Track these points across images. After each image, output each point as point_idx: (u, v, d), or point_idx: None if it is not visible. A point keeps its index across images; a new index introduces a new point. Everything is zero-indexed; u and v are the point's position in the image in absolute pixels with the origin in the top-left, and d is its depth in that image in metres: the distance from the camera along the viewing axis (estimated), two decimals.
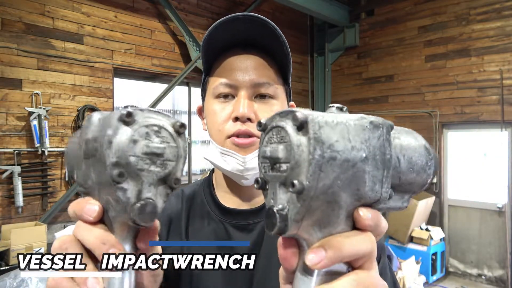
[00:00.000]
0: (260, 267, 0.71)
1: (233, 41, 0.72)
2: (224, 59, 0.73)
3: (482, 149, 5.07)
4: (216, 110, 0.73)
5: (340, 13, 5.99)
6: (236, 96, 0.72)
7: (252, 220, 0.75)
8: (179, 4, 4.68)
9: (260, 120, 0.38)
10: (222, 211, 0.76)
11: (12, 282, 2.45)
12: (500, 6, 4.75)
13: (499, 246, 4.81)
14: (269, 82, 0.72)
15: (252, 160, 0.70)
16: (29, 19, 3.51)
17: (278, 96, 0.74)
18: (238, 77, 0.71)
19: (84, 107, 3.81)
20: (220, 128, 0.72)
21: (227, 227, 0.74)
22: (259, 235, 0.74)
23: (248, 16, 0.68)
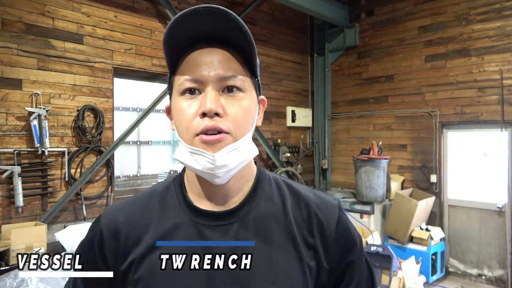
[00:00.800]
0: (238, 263, 0.70)
1: (196, 36, 0.70)
2: (188, 55, 0.71)
3: (482, 149, 5.07)
4: (182, 107, 0.70)
5: (340, 13, 5.99)
6: (202, 91, 0.69)
7: (226, 221, 0.73)
8: (179, 4, 4.68)
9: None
10: (194, 211, 0.74)
11: (12, 282, 2.45)
12: (500, 6, 4.75)
13: (499, 246, 4.81)
14: (235, 75, 0.70)
15: (222, 157, 0.68)
16: (29, 19, 3.51)
17: (246, 89, 0.71)
18: (203, 72, 0.69)
19: (84, 107, 3.81)
20: (188, 126, 0.69)
21: (200, 229, 0.73)
22: (235, 236, 0.72)
23: (208, 8, 0.66)
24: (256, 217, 0.74)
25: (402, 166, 5.63)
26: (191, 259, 0.71)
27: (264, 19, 5.75)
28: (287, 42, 6.10)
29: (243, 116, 0.70)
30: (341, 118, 6.35)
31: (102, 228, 0.77)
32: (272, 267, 0.71)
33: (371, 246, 4.18)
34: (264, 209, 0.75)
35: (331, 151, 6.47)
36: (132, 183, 4.56)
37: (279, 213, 0.75)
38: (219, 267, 0.70)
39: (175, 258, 0.71)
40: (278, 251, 0.72)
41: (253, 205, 0.75)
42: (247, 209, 0.74)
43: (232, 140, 0.69)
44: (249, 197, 0.76)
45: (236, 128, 0.69)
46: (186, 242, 0.72)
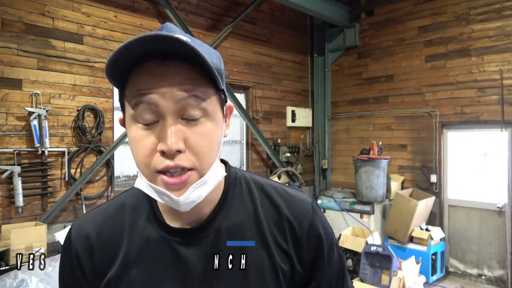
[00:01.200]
0: (215, 277, 0.70)
1: (145, 54, 0.60)
2: (138, 76, 0.61)
3: (482, 149, 5.07)
4: (138, 138, 0.62)
5: (340, 13, 5.99)
6: (159, 119, 0.61)
7: (199, 235, 0.71)
8: (179, 4, 4.68)
9: None
10: (166, 230, 0.72)
11: (12, 282, 2.45)
12: (500, 6, 4.75)
13: (499, 246, 4.81)
14: (195, 95, 0.61)
15: (189, 196, 0.63)
16: (29, 19, 3.51)
17: (210, 112, 0.63)
18: (158, 100, 0.60)
19: (84, 107, 3.81)
20: (146, 162, 0.62)
21: (173, 245, 0.71)
22: (209, 248, 0.71)
23: (155, 37, 0.56)
24: (228, 227, 0.72)
25: (402, 166, 5.63)
26: (167, 277, 0.70)
27: (264, 19, 5.75)
28: (287, 42, 6.10)
29: (208, 145, 0.63)
30: (341, 118, 6.35)
31: (77, 248, 0.74)
32: (247, 276, 0.70)
33: (371, 246, 4.18)
34: (236, 217, 0.73)
35: (331, 151, 6.47)
36: (132, 183, 4.56)
37: (251, 219, 0.74)
38: (196, 280, 0.69)
39: (151, 276, 0.70)
40: (252, 259, 0.71)
41: (224, 216, 0.73)
42: (219, 221, 0.72)
43: (197, 176, 0.63)
44: (220, 208, 0.73)
45: (201, 161, 0.63)
46: (160, 260, 0.71)
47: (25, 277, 2.48)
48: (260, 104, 5.62)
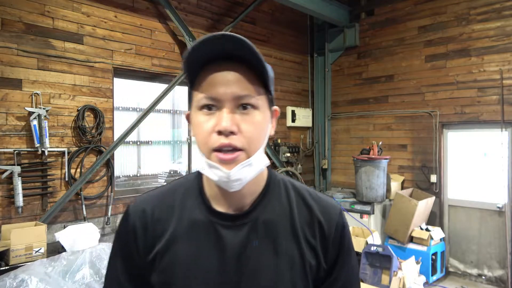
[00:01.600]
0: (246, 263, 0.80)
1: (213, 56, 0.76)
2: (206, 73, 0.77)
3: (482, 149, 5.07)
4: (201, 122, 0.77)
5: (340, 13, 5.99)
6: (219, 108, 0.76)
7: (239, 221, 0.82)
8: (179, 4, 4.68)
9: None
10: (212, 212, 0.83)
11: (12, 282, 2.45)
12: (500, 6, 4.75)
13: (499, 246, 4.81)
14: (250, 94, 0.76)
15: (236, 173, 0.75)
16: (29, 19, 3.51)
17: (259, 106, 0.78)
18: (220, 91, 0.75)
19: (84, 107, 3.82)
20: (205, 141, 0.76)
21: (217, 227, 0.82)
22: (247, 235, 0.81)
23: (224, 36, 0.72)
24: (265, 219, 0.83)
25: (402, 166, 5.63)
26: (208, 254, 0.80)
27: (264, 19, 5.75)
28: (287, 42, 6.10)
29: (256, 132, 0.77)
30: (341, 118, 6.35)
31: (135, 223, 0.86)
32: (277, 262, 0.80)
33: (371, 246, 4.18)
34: (272, 212, 0.84)
35: (331, 151, 6.47)
36: (132, 183, 4.56)
37: (286, 215, 0.85)
38: (232, 263, 0.80)
39: (195, 251, 0.81)
40: (283, 249, 0.82)
41: (263, 208, 0.84)
42: (258, 212, 0.83)
43: (245, 156, 0.76)
44: (260, 201, 0.84)
45: (250, 144, 0.76)
46: (205, 238, 0.82)
47: (25, 277, 2.48)
48: None
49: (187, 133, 5.01)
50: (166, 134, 4.97)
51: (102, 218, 4.00)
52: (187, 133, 5.01)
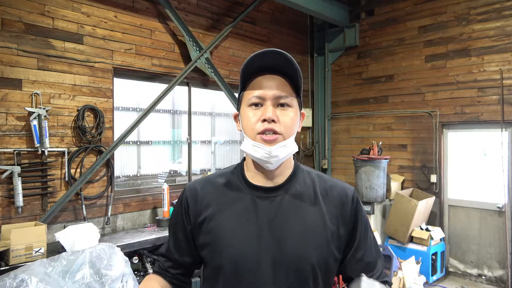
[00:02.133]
0: (278, 225, 1.01)
1: (262, 67, 1.02)
2: (257, 79, 1.03)
3: (482, 149, 5.07)
4: (250, 115, 1.03)
5: (340, 13, 5.99)
6: (263, 105, 1.01)
7: (273, 194, 1.05)
8: (179, 4, 4.68)
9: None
10: (251, 186, 1.07)
11: (12, 282, 2.45)
12: (500, 6, 4.75)
13: (499, 246, 4.81)
14: (287, 95, 1.02)
15: (275, 150, 0.99)
16: (29, 19, 3.51)
17: (293, 105, 1.03)
18: (265, 91, 1.01)
19: (84, 107, 3.81)
20: (253, 127, 1.01)
21: (254, 198, 1.05)
22: (278, 204, 1.04)
23: (274, 51, 0.99)
24: (293, 193, 1.06)
25: (402, 166, 5.63)
26: (247, 219, 1.03)
27: (264, 19, 5.75)
28: (287, 42, 6.10)
29: (290, 123, 1.02)
30: (341, 118, 6.35)
31: (188, 196, 1.14)
32: (303, 227, 1.02)
33: None
34: (299, 188, 1.08)
35: (331, 151, 6.47)
36: (132, 183, 4.56)
37: (311, 191, 1.08)
38: (266, 225, 1.01)
39: (236, 217, 1.04)
40: (308, 216, 1.04)
41: (292, 185, 1.08)
42: (287, 187, 1.07)
43: (282, 139, 1.01)
44: (289, 180, 1.08)
45: (286, 131, 1.01)
46: (244, 207, 1.05)
47: (25, 277, 2.48)
48: None
49: (186, 133, 5.01)
50: (166, 134, 4.97)
51: (102, 218, 4.00)
52: (186, 133, 5.01)
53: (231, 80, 5.19)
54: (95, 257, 2.78)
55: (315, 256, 1.00)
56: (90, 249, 2.87)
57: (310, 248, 1.00)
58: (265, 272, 0.98)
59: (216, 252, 1.02)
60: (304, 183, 1.09)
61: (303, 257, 0.99)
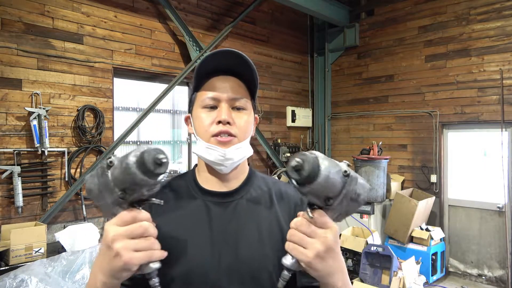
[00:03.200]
0: (233, 232, 0.95)
1: (217, 68, 0.98)
2: (209, 79, 0.99)
3: (482, 149, 5.07)
4: (203, 116, 0.98)
5: (340, 13, 5.99)
6: (218, 106, 0.97)
7: (227, 199, 0.99)
8: (179, 4, 4.68)
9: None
10: (203, 192, 1.00)
11: (12, 282, 2.45)
12: (500, 6, 4.75)
13: (499, 246, 4.81)
14: (242, 97, 0.98)
15: (230, 152, 0.95)
16: (29, 19, 3.51)
17: (248, 108, 1.00)
18: (220, 93, 0.97)
19: (84, 107, 3.81)
20: (206, 129, 0.96)
21: (208, 204, 0.98)
22: (233, 210, 0.98)
23: (230, 52, 0.95)
24: (249, 198, 1.01)
25: (402, 166, 5.63)
26: (199, 227, 0.96)
27: (264, 19, 5.75)
28: (287, 42, 6.10)
29: (245, 126, 0.99)
30: (341, 118, 6.35)
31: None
32: (259, 233, 0.96)
33: (371, 246, 4.18)
34: (254, 194, 1.02)
35: (331, 151, 6.47)
36: None
37: (266, 196, 1.03)
38: (220, 233, 0.95)
39: (187, 225, 0.97)
40: (264, 222, 0.98)
41: (247, 190, 1.02)
42: (242, 192, 1.01)
43: (237, 141, 0.97)
44: (244, 184, 1.03)
45: (241, 133, 0.97)
46: (197, 214, 0.98)
47: (25, 277, 2.48)
48: (260, 104, 5.62)
49: (186, 133, 5.00)
50: (166, 134, 4.97)
51: (102, 218, 4.00)
52: (186, 133, 5.00)
53: None
54: (95, 257, 2.78)
55: (272, 263, 0.94)
56: (90, 249, 2.87)
57: (266, 254, 0.94)
58: (219, 282, 0.92)
59: (166, 264, 0.89)
60: (260, 189, 1.04)
61: (260, 264, 0.94)
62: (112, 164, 0.71)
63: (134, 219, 0.74)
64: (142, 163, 0.68)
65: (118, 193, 0.71)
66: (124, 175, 0.69)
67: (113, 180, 0.71)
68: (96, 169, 0.76)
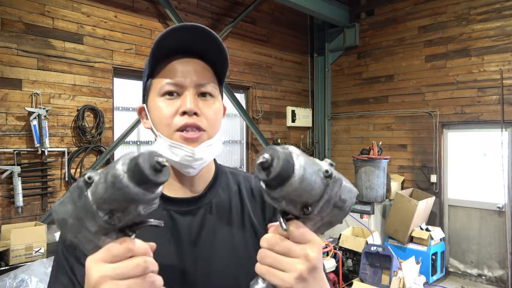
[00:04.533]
0: (205, 244, 0.81)
1: (176, 48, 0.79)
2: (169, 62, 0.80)
3: (482, 149, 5.07)
4: (162, 106, 0.79)
5: (340, 13, 5.99)
6: (181, 94, 0.79)
7: (194, 206, 0.83)
8: (179, 4, 4.68)
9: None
10: (166, 199, 0.82)
11: (12, 282, 2.45)
12: (500, 6, 4.75)
13: (499, 246, 4.81)
14: (209, 83, 0.81)
15: (200, 151, 0.78)
16: (29, 19, 3.51)
17: (216, 95, 0.83)
18: (183, 78, 0.79)
19: (84, 107, 3.82)
20: (168, 123, 0.78)
21: (172, 214, 0.82)
22: (202, 218, 0.82)
23: (192, 26, 0.77)
24: (217, 203, 0.85)
25: (402, 166, 5.63)
26: (164, 242, 0.79)
27: (264, 19, 5.75)
28: (287, 42, 6.10)
29: (215, 117, 0.82)
30: (341, 118, 6.35)
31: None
32: (232, 241, 0.83)
33: (371, 246, 4.18)
34: (224, 196, 0.87)
35: (331, 151, 6.47)
36: None
37: (236, 198, 0.88)
38: (189, 247, 0.80)
39: (149, 240, 0.73)
40: (236, 228, 0.84)
41: (215, 193, 0.86)
42: (210, 196, 0.85)
43: (207, 137, 0.80)
44: (211, 186, 0.87)
45: (211, 127, 0.81)
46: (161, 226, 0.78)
47: (25, 277, 2.48)
48: (260, 104, 5.63)
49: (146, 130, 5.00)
50: None
51: None
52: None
53: (231, 80, 5.20)
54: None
55: (248, 279, 0.75)
56: None
57: (241, 270, 0.80)
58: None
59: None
60: (228, 188, 0.89)
61: (234, 281, 0.80)
62: (91, 181, 0.53)
63: (127, 252, 0.54)
64: (136, 171, 0.50)
65: (104, 218, 0.53)
66: (112, 191, 0.51)
67: (96, 201, 0.52)
68: (68, 192, 0.57)
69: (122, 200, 0.52)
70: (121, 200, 0.52)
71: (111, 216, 0.53)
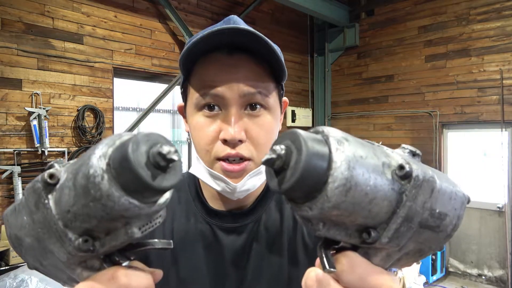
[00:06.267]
0: (251, 268, 0.69)
1: (216, 45, 0.63)
2: (206, 65, 0.64)
3: (482, 149, 5.07)
4: (201, 125, 0.65)
5: (340, 13, 5.99)
6: (222, 108, 0.63)
7: (241, 223, 0.70)
8: (179, 4, 4.68)
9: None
10: (209, 212, 0.71)
11: (12, 282, 2.45)
12: (500, 6, 4.75)
13: (499, 246, 4.81)
14: (260, 91, 0.64)
15: (244, 184, 0.65)
16: (29, 19, 3.51)
17: (270, 105, 0.66)
18: (226, 88, 0.62)
19: (84, 107, 3.82)
20: (207, 149, 0.64)
21: (215, 230, 0.70)
22: (249, 237, 0.70)
23: (235, 29, 0.60)
24: (268, 220, 0.72)
25: None
26: (204, 261, 0.70)
27: (264, 19, 5.75)
28: (287, 42, 6.10)
29: (266, 137, 0.66)
30: (341, 118, 6.35)
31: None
32: (280, 268, 0.69)
33: None
34: (275, 212, 0.73)
35: None
36: None
37: (289, 213, 0.73)
38: (233, 269, 0.69)
39: (187, 260, 0.70)
40: (287, 251, 0.70)
41: (265, 207, 0.73)
42: (260, 211, 0.72)
43: (254, 166, 0.65)
44: (261, 199, 0.73)
45: (259, 152, 0.65)
46: (200, 242, 0.70)
47: (25, 277, 2.48)
48: None
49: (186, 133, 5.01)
50: (166, 134, 4.97)
51: None
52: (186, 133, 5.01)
53: None
54: None
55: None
56: None
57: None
58: None
59: None
60: (282, 203, 0.74)
61: None
62: (55, 181, 0.33)
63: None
64: (124, 168, 0.30)
65: (76, 242, 0.32)
66: (84, 201, 0.31)
67: (61, 215, 0.32)
68: (23, 196, 0.38)
69: (102, 217, 0.31)
70: (100, 217, 0.31)
71: (87, 240, 0.32)
